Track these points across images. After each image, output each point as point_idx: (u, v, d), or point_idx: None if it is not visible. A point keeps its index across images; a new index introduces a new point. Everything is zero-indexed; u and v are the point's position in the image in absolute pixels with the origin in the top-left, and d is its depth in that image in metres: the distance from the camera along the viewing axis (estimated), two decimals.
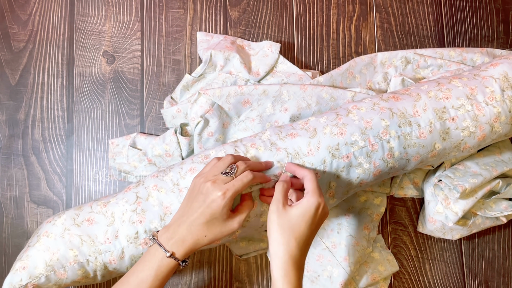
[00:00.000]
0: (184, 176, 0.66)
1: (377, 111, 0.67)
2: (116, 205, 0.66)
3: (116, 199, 0.67)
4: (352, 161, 0.65)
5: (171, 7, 0.85)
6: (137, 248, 0.64)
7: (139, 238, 0.64)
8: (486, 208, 0.75)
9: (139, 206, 0.65)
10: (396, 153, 0.66)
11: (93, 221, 0.65)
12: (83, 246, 0.64)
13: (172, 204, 0.65)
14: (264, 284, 0.79)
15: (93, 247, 0.64)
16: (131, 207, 0.65)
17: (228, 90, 0.76)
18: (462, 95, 0.67)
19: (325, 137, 0.65)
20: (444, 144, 0.67)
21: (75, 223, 0.65)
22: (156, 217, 0.65)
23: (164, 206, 0.65)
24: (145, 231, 0.64)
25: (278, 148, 0.65)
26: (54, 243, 0.64)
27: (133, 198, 0.66)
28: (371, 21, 0.86)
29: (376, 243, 0.79)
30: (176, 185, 0.66)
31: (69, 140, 0.82)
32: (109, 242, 0.64)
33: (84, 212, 0.66)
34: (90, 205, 0.68)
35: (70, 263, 0.63)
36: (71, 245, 0.64)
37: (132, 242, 0.64)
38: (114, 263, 0.65)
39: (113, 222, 0.65)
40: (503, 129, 0.68)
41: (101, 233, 0.64)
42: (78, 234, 0.64)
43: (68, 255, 0.63)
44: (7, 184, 0.80)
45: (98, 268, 0.65)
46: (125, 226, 0.64)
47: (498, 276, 0.82)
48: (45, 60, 0.83)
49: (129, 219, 0.65)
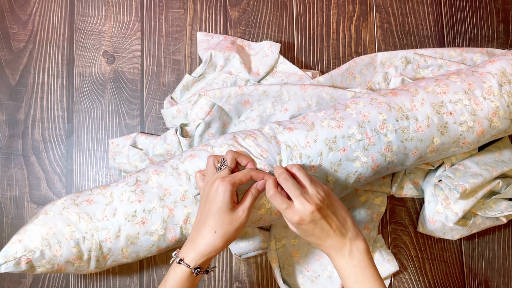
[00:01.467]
0: (184, 161, 0.67)
1: (375, 105, 0.67)
2: (115, 187, 0.68)
3: (116, 183, 0.69)
4: (349, 154, 0.66)
5: (171, 7, 0.85)
6: (133, 226, 0.65)
7: (137, 217, 0.65)
8: (486, 208, 0.75)
9: (138, 187, 0.66)
10: (394, 147, 0.66)
11: (92, 201, 0.66)
12: (81, 223, 0.65)
13: (171, 186, 0.66)
14: (264, 284, 0.79)
15: (90, 224, 0.65)
16: (130, 188, 0.66)
17: (228, 91, 0.76)
18: (459, 90, 0.68)
19: (323, 130, 0.66)
20: (443, 139, 0.67)
21: (74, 203, 0.66)
22: (155, 197, 0.65)
23: (163, 188, 0.66)
24: (143, 210, 0.65)
25: (277, 141, 0.66)
26: (52, 219, 0.65)
27: (133, 181, 0.67)
28: (371, 21, 0.86)
29: (376, 243, 0.79)
30: (176, 169, 0.67)
31: (69, 140, 0.82)
32: (106, 220, 0.65)
33: (84, 194, 0.68)
34: (91, 189, 0.69)
35: (66, 239, 0.64)
36: (68, 221, 0.65)
37: (130, 220, 0.65)
38: (109, 242, 0.65)
39: (111, 201, 0.66)
40: (502, 124, 0.68)
41: (99, 211, 0.65)
42: (76, 211, 0.65)
43: (64, 231, 0.64)
44: (7, 184, 0.80)
45: (93, 248, 0.65)
46: (124, 205, 0.65)
47: (498, 276, 0.82)
48: (45, 60, 0.83)
49: (128, 199, 0.66)
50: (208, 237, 0.58)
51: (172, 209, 0.65)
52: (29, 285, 0.78)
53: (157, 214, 0.65)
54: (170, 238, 0.67)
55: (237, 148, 0.66)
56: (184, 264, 0.58)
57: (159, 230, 0.65)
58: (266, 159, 0.65)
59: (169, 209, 0.65)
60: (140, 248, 0.67)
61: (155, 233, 0.65)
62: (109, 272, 0.78)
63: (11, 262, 0.63)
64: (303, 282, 0.78)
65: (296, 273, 0.78)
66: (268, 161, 0.65)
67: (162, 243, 0.67)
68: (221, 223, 0.58)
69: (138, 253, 0.68)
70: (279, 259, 0.78)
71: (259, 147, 0.66)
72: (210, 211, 0.58)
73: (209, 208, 0.59)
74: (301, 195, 0.57)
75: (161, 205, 0.65)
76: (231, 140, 0.67)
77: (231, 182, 0.58)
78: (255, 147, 0.66)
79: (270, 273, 0.79)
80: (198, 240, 0.58)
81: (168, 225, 0.65)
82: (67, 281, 0.78)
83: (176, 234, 0.66)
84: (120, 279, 0.78)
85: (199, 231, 0.59)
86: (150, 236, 0.66)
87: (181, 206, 0.65)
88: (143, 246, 0.67)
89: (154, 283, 0.78)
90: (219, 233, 0.58)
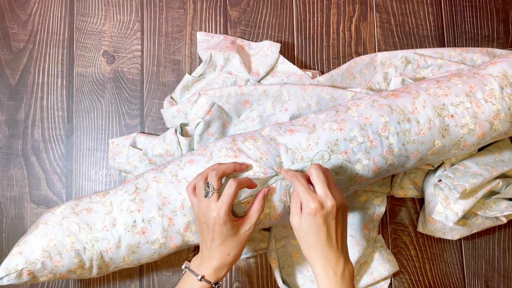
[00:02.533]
0: (183, 167, 0.67)
1: (376, 108, 0.67)
2: (115, 195, 0.67)
3: (115, 190, 0.68)
4: (350, 157, 0.65)
5: (171, 7, 0.85)
6: (134, 236, 0.65)
7: (137, 227, 0.65)
8: (486, 208, 0.75)
9: (138, 196, 0.66)
10: (395, 150, 0.66)
11: (91, 210, 0.66)
12: (81, 234, 0.64)
13: (170, 194, 0.65)
14: (264, 284, 0.79)
15: (90, 235, 0.64)
16: (129, 196, 0.66)
17: (228, 91, 0.76)
18: (461, 93, 0.68)
19: (324, 133, 0.66)
20: (444, 141, 0.67)
21: (74, 212, 0.66)
22: (154, 207, 0.65)
23: (162, 197, 0.65)
24: (142, 219, 0.65)
25: (277, 143, 0.66)
26: (52, 230, 0.64)
27: (132, 189, 0.67)
28: (371, 21, 0.86)
29: (376, 243, 0.79)
30: (175, 176, 0.66)
31: (69, 140, 0.82)
32: (106, 230, 0.64)
33: (83, 202, 0.67)
34: (90, 196, 0.69)
35: (67, 250, 0.64)
36: (68, 232, 0.64)
37: (130, 231, 0.65)
38: (110, 252, 0.65)
39: (111, 210, 0.66)
40: (502, 127, 0.68)
41: (99, 221, 0.65)
42: (76, 221, 0.65)
43: (65, 242, 0.64)
44: (7, 184, 0.80)
45: (95, 257, 0.65)
46: (123, 215, 0.65)
47: (498, 276, 0.82)
48: (45, 60, 0.83)
49: (127, 208, 0.65)
50: (223, 259, 0.62)
51: (171, 218, 0.65)
52: (29, 285, 0.78)
53: (156, 224, 0.65)
54: (171, 245, 0.67)
55: (236, 152, 0.65)
56: (206, 281, 0.61)
57: (160, 239, 0.65)
58: (266, 162, 0.64)
59: (168, 218, 0.65)
60: (142, 256, 0.67)
61: (156, 242, 0.65)
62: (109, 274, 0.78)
63: (12, 274, 0.63)
64: (303, 282, 0.78)
65: (296, 273, 0.78)
66: (268, 163, 0.64)
67: (163, 251, 0.67)
68: (231, 246, 0.61)
69: (140, 260, 0.68)
70: (279, 259, 0.78)
71: (258, 149, 0.65)
72: (216, 241, 0.61)
73: (214, 238, 0.60)
74: (328, 188, 0.57)
75: (160, 215, 0.65)
76: (230, 144, 0.67)
77: (226, 210, 0.59)
78: (254, 150, 0.65)
79: (270, 273, 0.79)
80: (214, 261, 0.62)
81: (169, 233, 0.65)
82: (67, 282, 0.78)
83: (178, 241, 0.67)
84: (120, 282, 0.78)
85: (213, 254, 0.61)
86: (151, 245, 0.66)
87: (180, 215, 0.65)
88: (144, 254, 0.67)
89: (154, 285, 0.78)
90: (232, 254, 0.62)
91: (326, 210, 0.56)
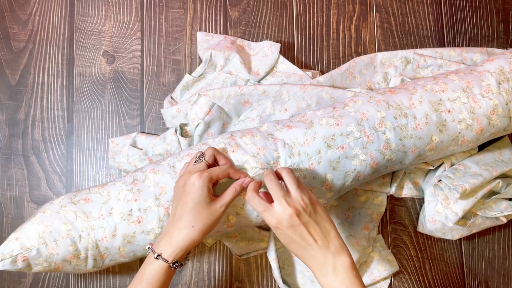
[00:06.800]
0: (181, 160, 0.68)
1: (373, 103, 0.68)
2: (113, 186, 0.68)
3: (114, 182, 0.69)
4: (347, 152, 0.66)
5: (171, 7, 0.85)
6: (129, 225, 0.65)
7: (133, 216, 0.65)
8: (486, 208, 0.75)
9: (135, 186, 0.67)
10: (393, 145, 0.67)
11: (89, 200, 0.67)
12: (77, 221, 0.65)
13: (167, 184, 0.66)
14: (264, 284, 0.79)
15: (86, 223, 0.65)
16: (127, 187, 0.67)
17: (228, 91, 0.76)
18: (458, 88, 0.68)
19: (321, 128, 0.66)
20: (442, 137, 0.68)
21: (72, 202, 0.67)
22: (151, 196, 0.65)
23: (159, 187, 0.66)
24: (139, 209, 0.65)
25: (275, 138, 0.66)
26: (49, 217, 0.65)
27: (130, 180, 0.68)
28: (371, 21, 0.86)
29: (376, 243, 0.79)
30: (172, 167, 0.67)
31: (69, 140, 0.82)
32: (102, 218, 0.65)
33: (82, 193, 0.68)
34: (89, 188, 0.69)
35: (63, 237, 0.64)
36: (65, 219, 0.65)
37: (125, 219, 0.65)
38: (106, 241, 0.65)
39: (108, 200, 0.66)
40: (501, 123, 0.69)
41: (95, 210, 0.66)
42: (73, 210, 0.66)
43: (61, 229, 0.64)
44: (7, 184, 0.80)
45: (90, 246, 0.65)
46: (120, 204, 0.66)
47: (498, 276, 0.82)
48: (45, 60, 0.83)
49: (124, 198, 0.66)
50: (185, 231, 0.58)
51: (167, 208, 0.65)
52: (29, 285, 0.78)
53: (152, 213, 0.65)
54: None
55: (233, 147, 0.66)
56: (162, 259, 0.58)
57: (155, 229, 0.65)
58: (263, 157, 0.65)
59: (164, 208, 0.65)
60: (137, 247, 0.67)
61: (151, 232, 0.65)
62: (109, 271, 0.78)
63: (7, 259, 0.64)
64: (303, 282, 0.78)
65: (296, 273, 0.78)
66: (265, 158, 0.65)
67: None
68: (198, 217, 0.58)
69: (135, 252, 0.68)
70: (279, 259, 0.78)
71: (255, 145, 0.66)
72: (187, 205, 0.58)
73: (186, 202, 0.58)
74: (283, 197, 0.57)
75: (157, 204, 0.65)
76: (228, 139, 0.67)
77: (208, 177, 0.58)
78: (252, 145, 0.66)
79: (270, 273, 0.79)
80: (175, 234, 0.58)
81: (164, 223, 0.65)
82: (67, 281, 0.78)
83: None
84: (120, 279, 0.78)
85: (175, 225, 0.59)
86: (147, 235, 0.66)
87: None
88: (140, 245, 0.67)
89: None
90: (196, 227, 0.58)
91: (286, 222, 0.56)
